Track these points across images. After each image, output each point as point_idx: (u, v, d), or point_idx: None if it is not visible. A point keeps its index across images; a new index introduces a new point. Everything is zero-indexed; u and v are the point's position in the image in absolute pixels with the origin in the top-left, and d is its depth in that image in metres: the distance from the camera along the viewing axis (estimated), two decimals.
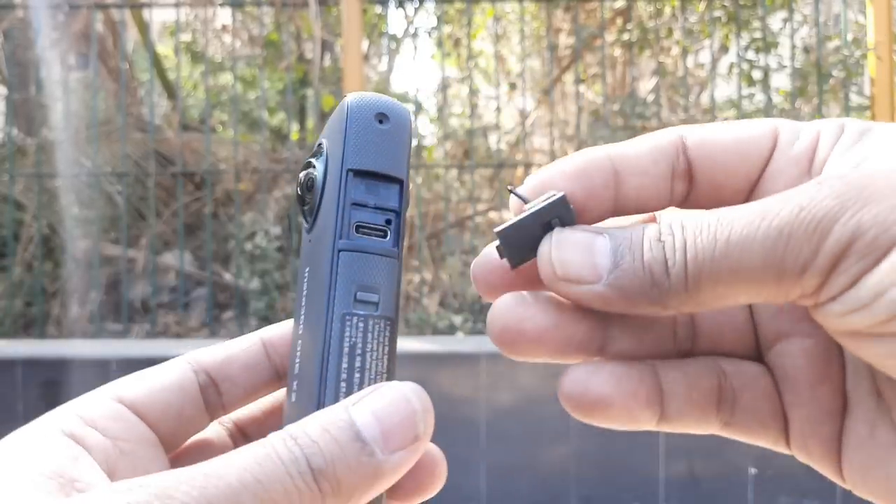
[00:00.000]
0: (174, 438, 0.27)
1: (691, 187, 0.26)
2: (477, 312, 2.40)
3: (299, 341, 0.27)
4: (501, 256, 0.26)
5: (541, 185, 0.26)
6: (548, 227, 0.25)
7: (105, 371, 1.91)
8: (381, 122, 0.27)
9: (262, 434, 0.28)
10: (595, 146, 0.26)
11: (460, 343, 2.15)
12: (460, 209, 2.77)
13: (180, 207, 2.53)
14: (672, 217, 0.24)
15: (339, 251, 0.26)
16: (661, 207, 0.27)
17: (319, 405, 0.24)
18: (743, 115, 2.67)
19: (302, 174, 0.28)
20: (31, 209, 2.57)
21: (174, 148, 2.69)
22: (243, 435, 0.30)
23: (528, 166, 2.81)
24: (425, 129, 3.22)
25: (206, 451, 0.29)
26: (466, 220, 2.71)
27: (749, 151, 0.26)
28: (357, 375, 0.25)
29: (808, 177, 0.25)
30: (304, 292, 0.27)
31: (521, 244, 0.25)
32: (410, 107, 3.12)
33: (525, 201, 0.26)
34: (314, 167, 0.27)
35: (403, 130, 0.27)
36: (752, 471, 1.80)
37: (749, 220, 0.22)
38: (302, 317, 0.27)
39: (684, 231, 0.23)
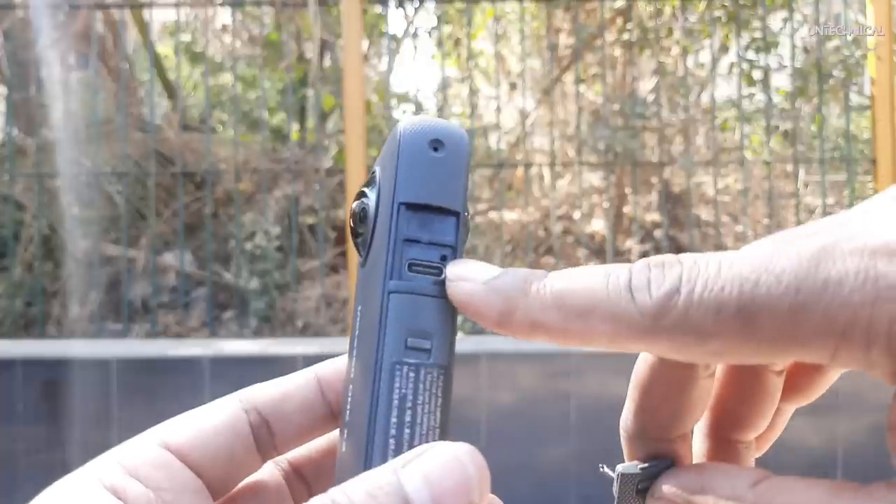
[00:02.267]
0: (223, 483, 0.26)
1: None
2: None
3: (350, 386, 0.25)
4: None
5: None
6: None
7: (105, 371, 1.91)
8: (435, 149, 0.25)
9: (317, 476, 0.28)
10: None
11: (460, 343, 2.14)
12: None
13: (180, 207, 2.53)
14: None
15: (390, 293, 0.24)
16: None
17: (367, 463, 0.23)
18: (743, 115, 2.67)
19: (355, 204, 0.26)
20: (31, 209, 2.57)
21: (174, 148, 2.70)
22: (298, 476, 0.28)
23: (528, 166, 2.81)
24: None
25: (259, 494, 0.27)
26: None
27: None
28: (407, 431, 0.23)
29: None
30: (357, 332, 0.25)
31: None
32: (411, 108, 3.13)
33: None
34: (367, 197, 0.26)
35: (460, 157, 0.25)
36: None
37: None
38: (354, 359, 0.25)
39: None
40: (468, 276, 0.23)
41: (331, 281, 2.57)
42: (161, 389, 1.91)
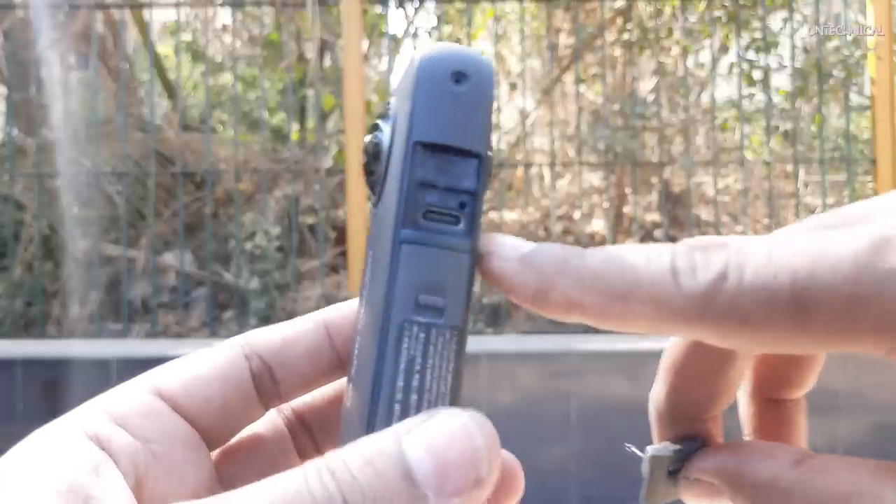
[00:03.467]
0: (221, 433, 0.24)
1: None
2: (477, 312, 2.40)
3: (358, 337, 0.23)
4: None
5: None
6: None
7: (105, 371, 1.91)
8: (457, 81, 0.22)
9: (322, 424, 0.26)
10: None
11: None
12: None
13: (180, 207, 2.53)
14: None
15: (401, 243, 0.22)
16: None
17: (369, 427, 0.21)
18: (743, 115, 2.67)
19: (367, 139, 0.24)
20: (31, 209, 2.57)
21: (174, 148, 2.70)
22: (302, 424, 0.27)
23: (528, 166, 2.81)
24: None
25: (259, 444, 0.26)
26: None
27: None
28: (414, 396, 0.21)
29: None
30: (367, 281, 0.23)
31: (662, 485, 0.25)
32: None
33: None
34: (381, 131, 0.23)
35: (485, 92, 0.22)
36: None
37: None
38: (362, 309, 0.23)
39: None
40: (502, 251, 0.22)
41: (331, 281, 2.57)
42: None
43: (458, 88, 0.22)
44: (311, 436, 0.27)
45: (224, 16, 3.05)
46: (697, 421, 0.25)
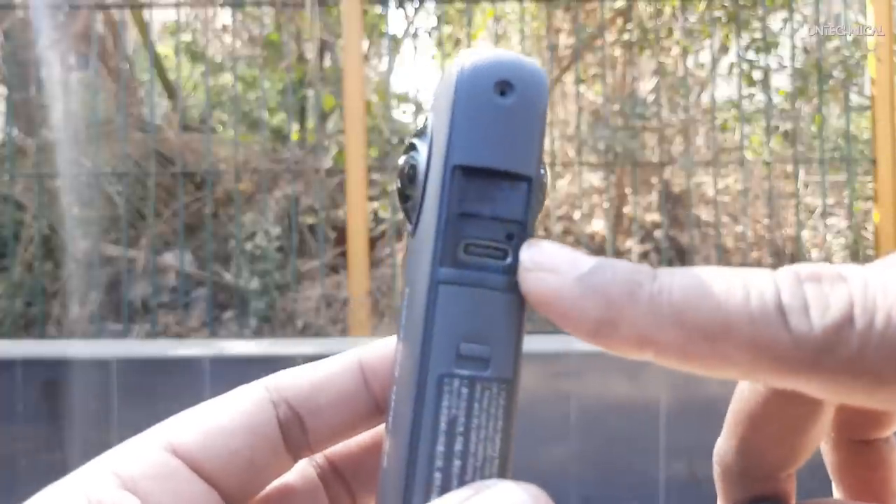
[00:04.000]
0: (244, 491, 0.21)
1: None
2: None
3: (395, 386, 0.20)
4: None
5: None
6: None
7: (105, 371, 1.91)
8: (502, 93, 0.19)
9: (357, 474, 0.24)
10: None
11: None
12: None
13: (180, 207, 2.53)
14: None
15: (439, 283, 0.19)
16: None
17: (406, 499, 0.18)
18: (743, 115, 2.67)
19: (402, 160, 0.21)
20: (31, 209, 2.57)
21: (174, 148, 2.70)
22: (335, 473, 0.24)
23: None
24: None
25: (288, 498, 0.23)
26: None
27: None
28: (457, 463, 0.18)
29: None
30: (403, 322, 0.20)
31: None
32: (410, 107, 3.13)
33: None
34: (417, 150, 0.20)
35: (535, 103, 0.19)
36: None
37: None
38: (399, 355, 0.20)
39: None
40: (554, 267, 0.18)
41: (331, 281, 2.57)
42: (161, 389, 1.91)
43: (504, 101, 0.19)
44: (346, 485, 0.24)
45: (224, 16, 3.05)
46: (771, 480, 0.22)
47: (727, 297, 0.16)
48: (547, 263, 0.18)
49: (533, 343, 2.17)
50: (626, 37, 2.80)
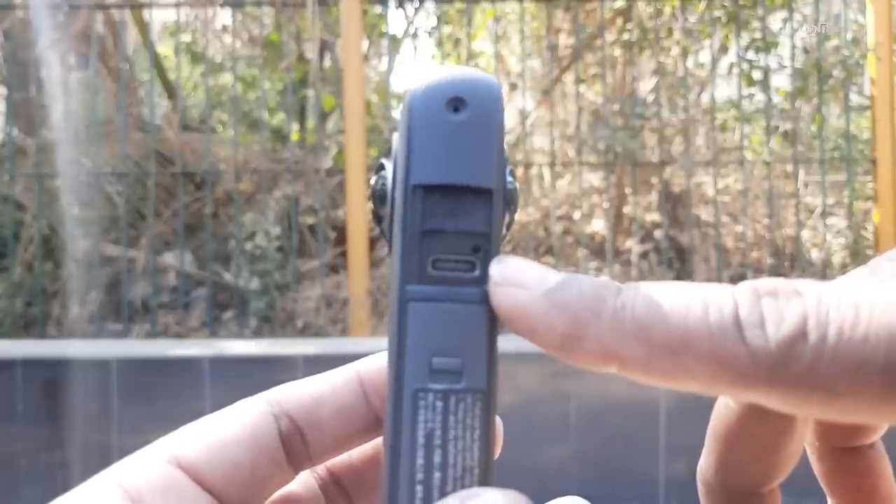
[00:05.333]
0: (246, 503, 0.22)
1: None
2: None
3: (385, 403, 0.21)
4: None
5: None
6: None
7: (105, 371, 1.91)
8: (456, 109, 0.19)
9: (359, 485, 0.24)
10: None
11: None
12: None
13: (180, 207, 2.53)
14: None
15: (408, 301, 0.19)
16: None
17: None
18: (743, 115, 2.67)
19: (373, 181, 0.21)
20: (31, 209, 2.57)
21: (174, 148, 2.70)
22: (337, 485, 0.24)
23: (528, 166, 2.81)
24: None
25: None
26: None
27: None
28: (437, 475, 0.19)
29: None
30: (389, 339, 0.21)
31: None
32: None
33: None
34: (385, 170, 0.21)
35: (490, 117, 0.19)
36: None
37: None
38: (387, 371, 0.21)
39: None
40: (522, 282, 0.18)
41: (331, 281, 2.57)
42: (161, 389, 1.91)
43: (457, 117, 0.19)
44: (347, 496, 0.24)
45: (224, 16, 3.05)
46: (754, 496, 0.22)
47: (687, 313, 0.17)
48: (515, 279, 0.18)
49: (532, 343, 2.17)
50: (626, 37, 2.80)
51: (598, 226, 2.85)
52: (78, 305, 2.48)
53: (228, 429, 0.22)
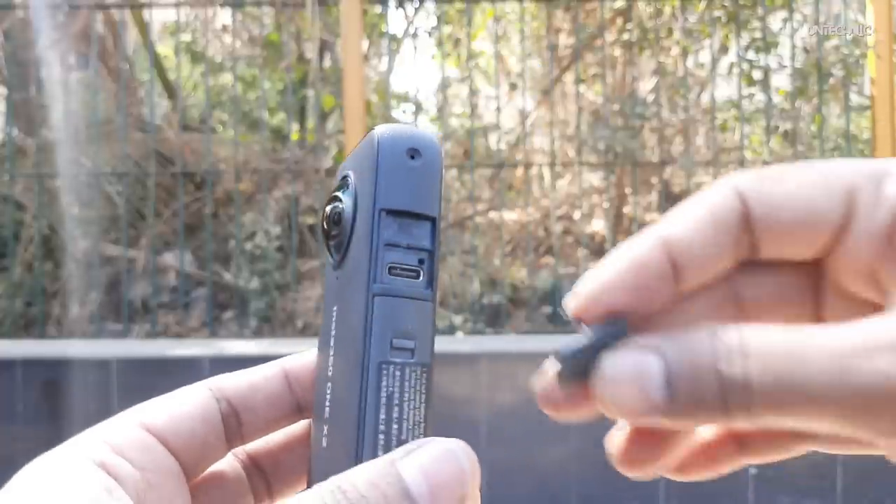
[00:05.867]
0: (195, 468, 0.27)
1: (756, 252, 0.24)
2: (477, 312, 2.40)
3: (329, 384, 0.26)
4: (558, 381, 0.25)
5: (595, 302, 0.24)
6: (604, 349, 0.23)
7: (105, 371, 1.91)
8: (412, 157, 0.26)
9: (275, 468, 0.29)
10: (648, 230, 0.24)
11: (460, 343, 2.15)
12: (460, 209, 2.77)
13: (180, 207, 2.53)
14: (733, 333, 0.21)
15: (375, 296, 0.25)
16: (722, 276, 0.25)
17: (358, 457, 0.24)
18: (743, 115, 2.67)
19: (328, 208, 0.27)
20: (31, 209, 2.57)
21: (174, 148, 2.69)
22: (256, 467, 0.29)
23: (528, 166, 2.80)
24: (425, 130, 3.22)
25: (222, 483, 0.28)
26: (466, 219, 2.71)
27: (821, 222, 0.23)
28: (395, 427, 0.24)
29: (891, 249, 0.22)
30: (333, 332, 0.27)
31: (577, 370, 0.24)
32: (410, 107, 3.12)
33: (579, 323, 0.24)
34: (341, 201, 0.27)
35: (435, 165, 0.26)
36: (753, 471, 1.80)
37: (827, 372, 0.19)
38: (331, 358, 0.27)
39: (747, 361, 0.20)
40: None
41: None
42: (161, 389, 1.90)
43: (414, 163, 0.26)
44: (265, 478, 0.29)
45: (224, 16, 3.05)
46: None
47: None
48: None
49: (533, 343, 2.17)
50: (626, 37, 2.80)
51: (598, 226, 2.85)
52: (78, 305, 2.48)
53: (184, 406, 0.27)
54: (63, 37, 2.65)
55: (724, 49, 2.81)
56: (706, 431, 0.27)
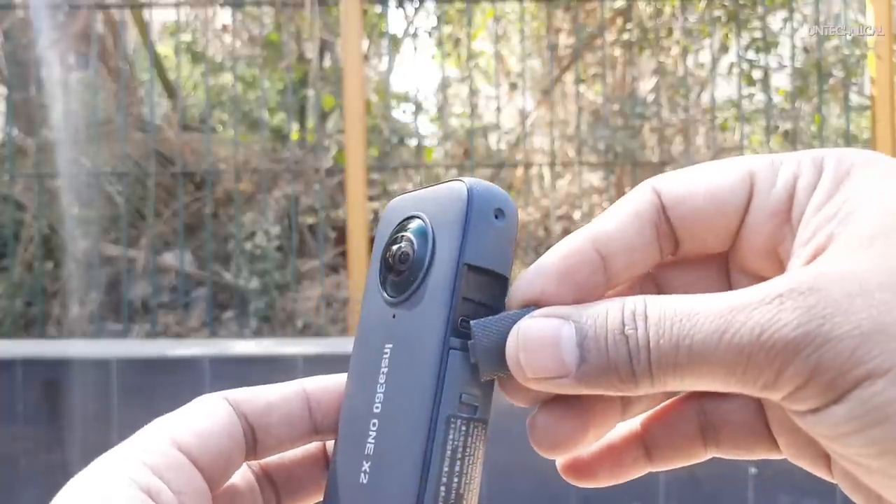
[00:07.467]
0: (217, 483, 0.27)
1: (677, 243, 0.26)
2: None
3: (374, 420, 0.26)
4: (474, 353, 0.26)
5: (527, 296, 0.25)
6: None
7: (105, 371, 1.91)
8: (497, 217, 0.26)
9: (287, 482, 0.29)
10: (579, 230, 0.26)
11: None
12: None
13: (180, 207, 2.53)
14: (637, 301, 0.23)
15: (451, 349, 0.25)
16: (650, 268, 0.27)
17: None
18: (743, 114, 2.67)
19: (396, 246, 0.27)
20: (31, 209, 2.57)
21: (174, 148, 2.69)
22: (268, 479, 0.29)
23: (528, 166, 2.80)
24: (425, 129, 3.22)
25: (236, 495, 0.28)
26: None
27: (725, 204, 0.25)
28: (455, 480, 0.25)
29: (787, 227, 0.24)
30: (385, 370, 0.26)
31: (491, 341, 0.25)
32: (410, 107, 3.12)
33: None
34: (413, 243, 0.27)
35: (514, 227, 0.27)
36: (752, 471, 1.80)
37: (711, 331, 0.21)
38: (379, 395, 0.26)
39: (647, 324, 0.22)
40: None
41: (331, 281, 2.57)
42: (161, 389, 1.91)
43: (498, 223, 0.26)
44: (276, 491, 0.29)
45: (224, 16, 3.05)
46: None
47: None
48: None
49: None
50: (626, 37, 2.80)
51: None
52: (78, 305, 2.48)
53: (210, 421, 0.26)
54: (63, 37, 2.65)
55: (724, 49, 2.80)
56: (613, 434, 0.29)
